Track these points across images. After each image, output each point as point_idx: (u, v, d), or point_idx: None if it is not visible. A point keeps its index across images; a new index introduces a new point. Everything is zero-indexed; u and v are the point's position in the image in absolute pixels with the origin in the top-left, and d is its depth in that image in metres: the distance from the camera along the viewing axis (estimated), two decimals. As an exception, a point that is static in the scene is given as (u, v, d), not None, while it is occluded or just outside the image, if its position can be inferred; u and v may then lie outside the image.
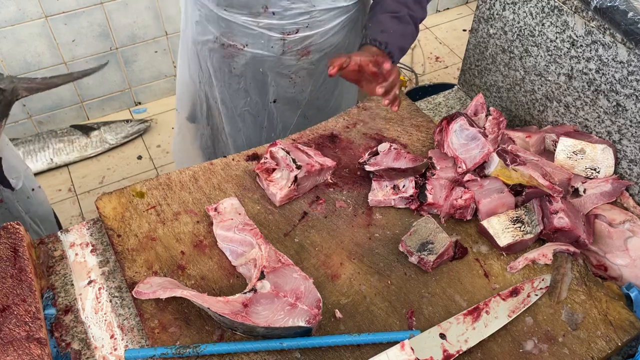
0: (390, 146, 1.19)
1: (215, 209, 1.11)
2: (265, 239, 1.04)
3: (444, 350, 0.90)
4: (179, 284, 0.99)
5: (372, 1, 1.35)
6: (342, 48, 1.49)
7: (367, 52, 1.19)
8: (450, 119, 1.21)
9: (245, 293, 0.94)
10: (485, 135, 1.17)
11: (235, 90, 1.53)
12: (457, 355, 0.91)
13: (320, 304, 0.93)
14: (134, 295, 0.97)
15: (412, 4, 1.28)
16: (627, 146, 1.17)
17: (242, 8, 1.32)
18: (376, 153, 1.19)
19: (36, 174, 2.54)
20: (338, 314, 0.98)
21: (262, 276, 0.96)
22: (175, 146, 1.92)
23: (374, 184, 1.17)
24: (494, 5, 1.37)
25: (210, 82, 1.57)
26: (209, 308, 0.91)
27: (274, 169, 1.16)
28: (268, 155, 1.17)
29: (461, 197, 1.11)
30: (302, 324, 0.90)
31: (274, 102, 1.57)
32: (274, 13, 1.31)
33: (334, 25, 1.39)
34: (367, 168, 1.16)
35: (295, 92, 1.55)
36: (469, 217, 1.13)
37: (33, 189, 1.51)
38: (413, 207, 1.15)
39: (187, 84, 1.67)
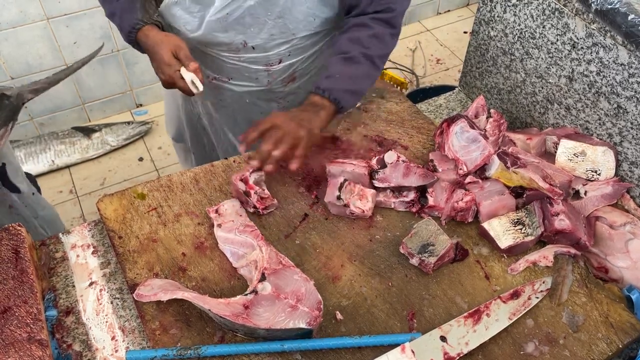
0: (399, 157, 1.15)
1: (216, 211, 1.11)
2: (266, 240, 1.04)
3: (445, 353, 0.90)
4: (180, 286, 0.99)
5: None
6: (327, 69, 1.47)
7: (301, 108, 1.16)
8: (451, 121, 1.21)
9: (246, 295, 0.94)
10: (486, 138, 1.17)
11: (225, 121, 1.52)
12: (457, 357, 0.91)
13: (321, 306, 0.93)
14: (135, 298, 0.97)
15: (367, 40, 1.21)
16: (627, 148, 1.17)
17: (221, 46, 1.30)
18: (384, 164, 1.15)
19: (37, 176, 2.54)
20: (339, 316, 0.98)
21: (263, 278, 0.96)
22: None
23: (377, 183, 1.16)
24: (495, 8, 1.37)
25: (199, 111, 1.56)
26: (209, 310, 0.91)
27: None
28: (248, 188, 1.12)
29: (462, 199, 1.11)
30: (302, 325, 0.90)
31: None
32: (253, 47, 1.29)
33: (316, 50, 1.37)
34: (376, 184, 1.14)
35: None
36: (470, 220, 1.13)
37: (33, 193, 1.51)
38: (414, 209, 1.15)
39: (171, 106, 1.67)
